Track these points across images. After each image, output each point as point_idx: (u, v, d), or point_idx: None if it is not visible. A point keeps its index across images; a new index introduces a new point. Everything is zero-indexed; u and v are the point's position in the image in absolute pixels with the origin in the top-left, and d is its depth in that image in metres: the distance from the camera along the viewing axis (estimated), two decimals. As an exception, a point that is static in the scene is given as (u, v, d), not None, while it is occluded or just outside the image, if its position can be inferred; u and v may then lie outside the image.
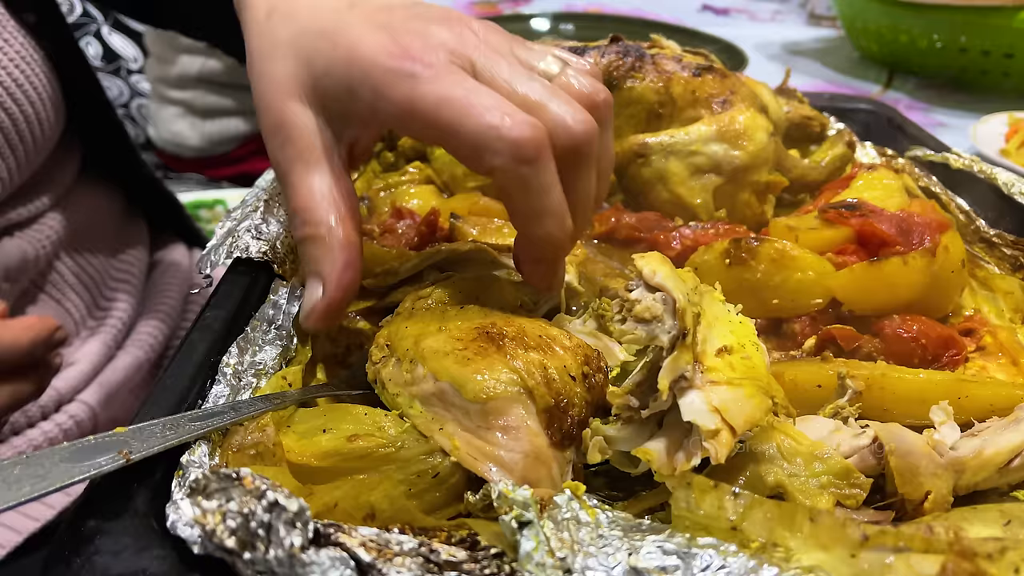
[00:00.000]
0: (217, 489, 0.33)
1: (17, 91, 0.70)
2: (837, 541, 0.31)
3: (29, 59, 0.71)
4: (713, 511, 0.33)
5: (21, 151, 0.71)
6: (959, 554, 0.30)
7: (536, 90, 0.45)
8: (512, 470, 0.40)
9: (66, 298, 0.81)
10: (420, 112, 0.43)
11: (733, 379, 0.39)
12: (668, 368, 0.39)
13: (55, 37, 0.77)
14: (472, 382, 0.42)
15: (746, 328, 0.43)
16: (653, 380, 0.41)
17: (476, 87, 0.43)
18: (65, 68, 0.77)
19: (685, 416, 0.38)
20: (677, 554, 0.31)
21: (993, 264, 0.69)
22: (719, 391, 0.38)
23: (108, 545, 0.36)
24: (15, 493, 0.33)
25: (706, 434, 0.37)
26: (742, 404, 0.37)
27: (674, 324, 0.40)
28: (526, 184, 0.43)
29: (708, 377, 0.39)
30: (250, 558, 0.32)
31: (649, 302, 0.41)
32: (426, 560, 0.33)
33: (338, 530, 0.33)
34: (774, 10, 1.97)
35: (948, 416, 0.45)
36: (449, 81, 0.43)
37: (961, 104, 1.26)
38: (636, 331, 0.41)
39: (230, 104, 1.85)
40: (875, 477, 0.42)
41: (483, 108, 0.42)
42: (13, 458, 0.34)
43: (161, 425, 0.39)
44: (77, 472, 0.35)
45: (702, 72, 0.78)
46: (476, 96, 0.43)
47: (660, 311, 0.41)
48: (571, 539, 0.32)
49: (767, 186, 0.76)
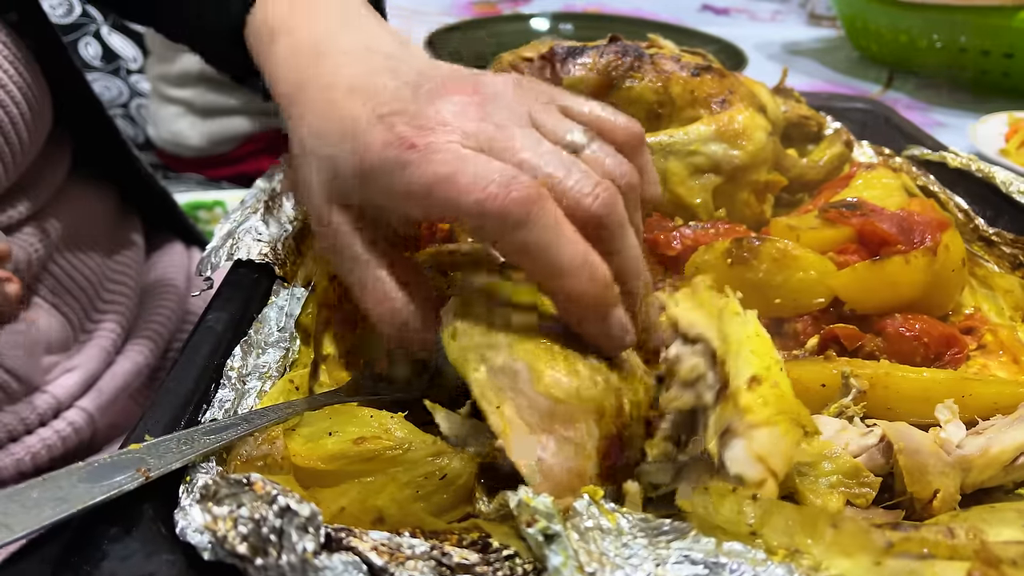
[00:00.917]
0: (228, 495, 0.33)
1: (3, 94, 0.69)
2: (861, 548, 0.31)
3: (12, 60, 0.71)
4: (732, 516, 0.33)
5: (8, 155, 0.71)
6: (985, 561, 0.30)
7: (552, 161, 0.42)
8: (549, 478, 0.37)
9: (63, 302, 0.80)
10: (416, 198, 0.42)
11: (770, 418, 0.37)
12: (714, 426, 0.38)
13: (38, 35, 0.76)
14: (549, 375, 0.40)
15: (764, 343, 0.41)
16: (686, 422, 0.40)
17: (465, 159, 0.41)
18: (51, 67, 0.77)
19: (732, 471, 0.36)
20: (704, 563, 0.31)
21: (992, 262, 0.69)
22: (759, 436, 0.36)
23: (116, 550, 0.35)
24: (35, 518, 0.32)
25: (752, 486, 0.35)
26: (780, 444, 0.36)
27: (715, 378, 0.39)
28: (525, 248, 0.40)
29: (747, 420, 0.37)
30: (262, 564, 0.32)
31: (691, 361, 0.40)
32: (438, 563, 0.33)
33: (349, 534, 0.33)
34: (774, 10, 1.98)
35: (954, 414, 0.46)
36: (438, 160, 0.41)
37: (961, 104, 1.26)
38: (683, 397, 0.40)
39: (231, 103, 1.84)
40: (883, 476, 0.42)
41: (467, 182, 0.40)
42: (31, 481, 0.34)
43: (176, 440, 0.39)
44: (98, 492, 0.35)
45: (701, 72, 0.78)
46: (463, 169, 0.40)
47: (703, 369, 0.39)
48: (598, 551, 0.32)
49: (766, 185, 0.76)
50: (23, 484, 0.34)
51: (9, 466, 0.71)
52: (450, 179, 0.40)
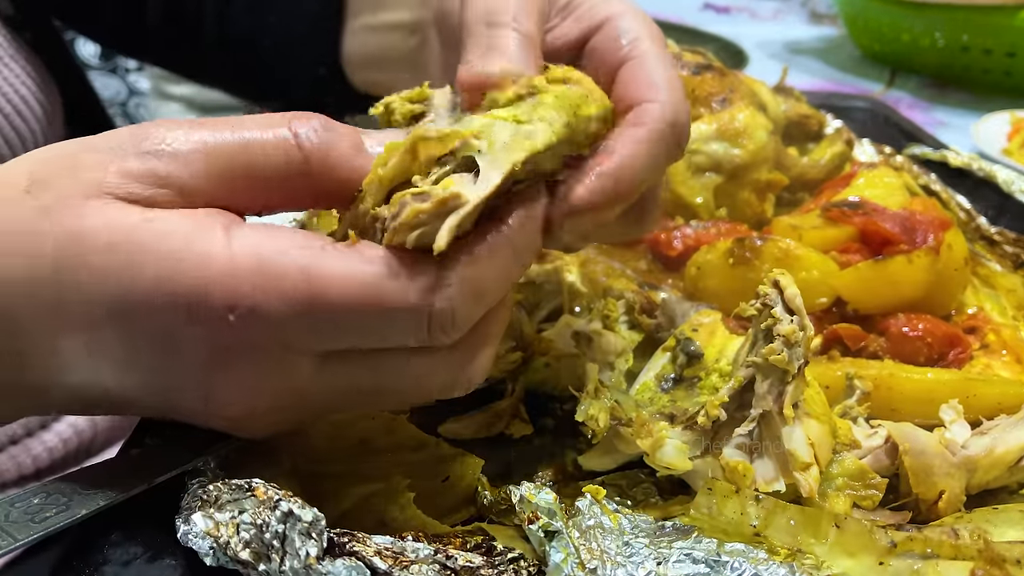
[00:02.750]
0: (229, 500, 0.33)
1: (16, 118, 0.69)
2: (864, 548, 0.31)
3: (27, 80, 0.70)
4: (735, 516, 0.33)
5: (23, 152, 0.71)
6: (988, 560, 0.29)
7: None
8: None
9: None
10: None
11: (820, 415, 0.39)
12: (792, 395, 0.39)
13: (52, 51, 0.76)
14: None
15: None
16: (742, 395, 0.41)
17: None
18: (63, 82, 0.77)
19: (788, 444, 0.38)
20: (706, 562, 0.31)
21: (994, 262, 0.69)
22: (812, 425, 0.38)
23: (117, 555, 0.35)
24: (38, 525, 0.32)
25: (799, 465, 0.37)
26: (824, 441, 0.38)
27: (802, 352, 0.40)
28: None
29: (805, 408, 0.39)
30: (265, 569, 0.31)
31: (790, 326, 0.41)
32: (443, 567, 0.32)
33: (352, 539, 0.33)
34: (775, 8, 1.97)
35: (958, 415, 0.46)
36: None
37: (963, 103, 1.26)
38: (783, 354, 0.40)
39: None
40: (888, 477, 0.42)
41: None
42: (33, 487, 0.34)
43: (178, 443, 0.39)
44: (100, 498, 0.35)
45: (701, 71, 0.77)
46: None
47: (800, 338, 0.40)
48: (599, 549, 0.32)
49: (767, 184, 0.76)
50: (25, 490, 0.33)
51: (10, 468, 0.71)
52: None
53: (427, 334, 0.33)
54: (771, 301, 0.42)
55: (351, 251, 0.33)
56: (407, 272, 0.32)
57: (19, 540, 0.32)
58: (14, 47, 0.71)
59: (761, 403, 0.39)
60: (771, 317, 0.41)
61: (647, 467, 0.42)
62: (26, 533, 0.32)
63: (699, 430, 0.40)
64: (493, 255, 0.34)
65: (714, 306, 0.58)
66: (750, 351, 0.42)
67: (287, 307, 0.32)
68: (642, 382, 0.49)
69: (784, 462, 0.38)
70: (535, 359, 0.52)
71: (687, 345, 0.50)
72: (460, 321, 0.34)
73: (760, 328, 0.42)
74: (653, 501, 0.43)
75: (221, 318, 0.32)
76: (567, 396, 0.49)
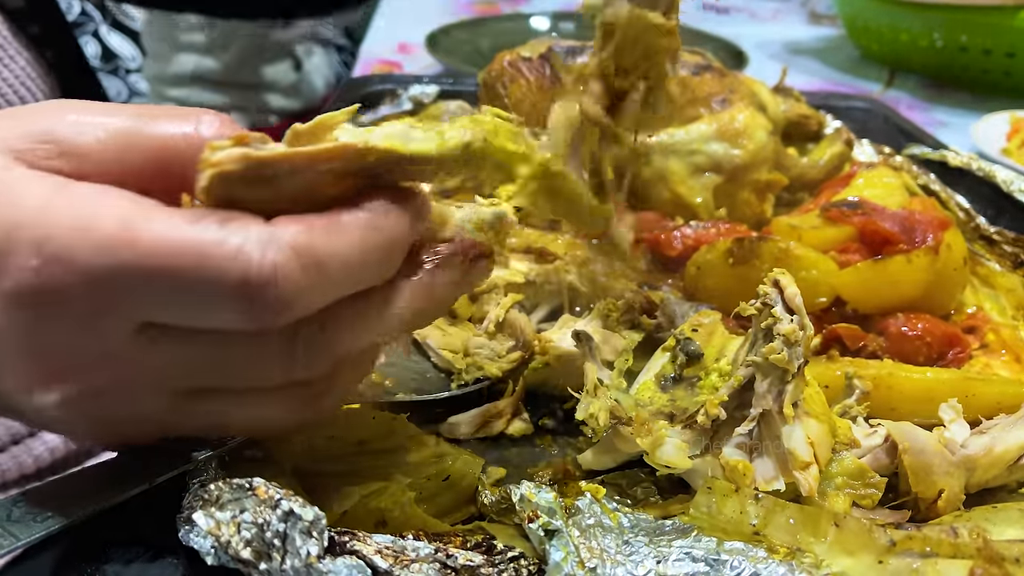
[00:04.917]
0: (230, 500, 0.33)
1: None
2: (864, 547, 0.31)
3: (32, 74, 0.70)
4: (735, 515, 0.33)
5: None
6: (987, 559, 0.30)
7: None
8: None
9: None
10: None
11: (819, 414, 0.39)
12: (791, 394, 0.40)
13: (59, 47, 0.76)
14: None
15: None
16: (742, 394, 0.41)
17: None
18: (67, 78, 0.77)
19: (787, 443, 0.38)
20: (706, 561, 0.31)
21: (994, 261, 0.69)
22: (812, 424, 0.39)
23: (119, 554, 0.35)
24: (39, 525, 0.33)
25: (799, 464, 0.37)
26: (823, 440, 0.38)
27: (801, 352, 0.41)
28: None
29: (804, 408, 0.39)
30: (266, 568, 0.31)
31: (790, 326, 0.41)
32: (443, 566, 0.33)
33: (353, 538, 0.33)
34: (775, 9, 1.97)
35: (958, 414, 0.46)
36: None
37: (962, 103, 1.26)
38: (782, 353, 0.40)
39: (225, 102, 1.85)
40: (888, 476, 0.42)
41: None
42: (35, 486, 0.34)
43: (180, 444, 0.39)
44: (102, 498, 0.35)
45: (701, 71, 0.78)
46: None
47: (800, 337, 0.41)
48: (599, 547, 0.32)
49: (767, 185, 0.76)
50: (26, 489, 0.34)
51: (12, 468, 0.71)
52: None
53: (250, 306, 0.30)
54: (771, 300, 0.42)
55: (179, 211, 0.31)
56: (231, 229, 0.30)
57: (21, 539, 0.32)
58: (20, 42, 0.71)
59: (761, 402, 0.40)
60: (771, 316, 0.41)
61: (647, 466, 0.42)
62: (28, 532, 0.32)
63: (699, 429, 0.40)
64: (337, 230, 0.32)
65: (714, 306, 0.58)
66: (750, 350, 0.42)
67: (97, 255, 0.29)
68: (642, 382, 0.49)
69: (784, 461, 0.38)
70: (535, 359, 0.53)
71: (687, 345, 0.50)
72: (286, 291, 0.30)
73: (760, 327, 0.42)
74: (653, 500, 0.43)
75: (26, 261, 0.30)
76: (567, 396, 0.49)
